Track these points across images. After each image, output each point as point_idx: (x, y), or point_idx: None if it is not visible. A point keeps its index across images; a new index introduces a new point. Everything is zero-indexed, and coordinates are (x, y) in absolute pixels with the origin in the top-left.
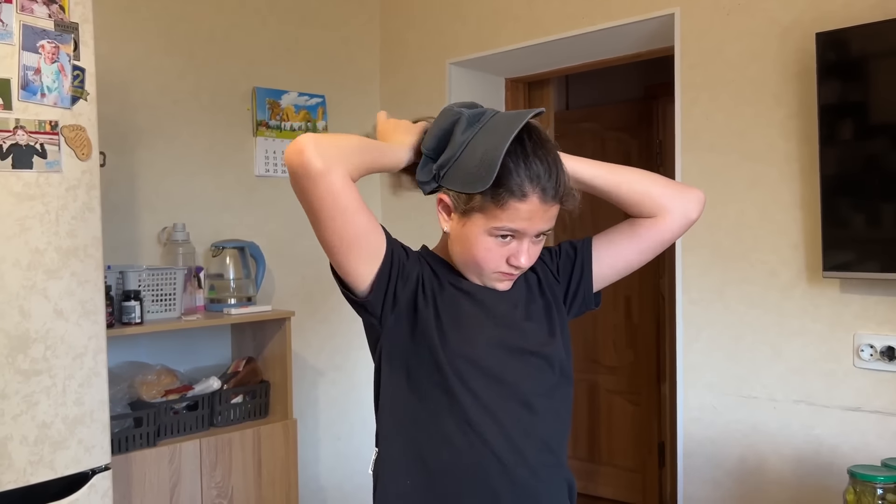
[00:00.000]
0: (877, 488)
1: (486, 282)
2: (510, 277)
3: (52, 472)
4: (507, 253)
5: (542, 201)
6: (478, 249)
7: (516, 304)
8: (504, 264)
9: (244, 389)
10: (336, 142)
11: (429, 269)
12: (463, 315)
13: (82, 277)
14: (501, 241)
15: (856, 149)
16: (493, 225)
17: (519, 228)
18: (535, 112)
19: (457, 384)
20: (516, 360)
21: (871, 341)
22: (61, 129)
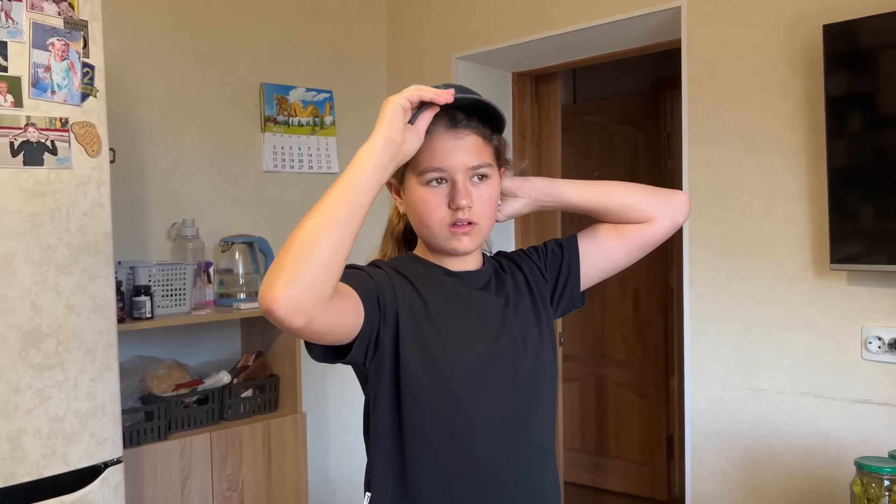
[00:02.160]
0: (884, 479)
1: (445, 245)
2: (462, 230)
3: (65, 465)
4: (446, 200)
5: (450, 130)
6: (420, 206)
7: (507, 303)
8: (448, 212)
9: (254, 383)
10: (304, 265)
11: (406, 288)
12: (450, 332)
13: (93, 273)
14: (436, 189)
15: (863, 141)
16: (418, 172)
17: (441, 166)
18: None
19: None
20: (507, 373)
21: (878, 333)
22: (71, 125)
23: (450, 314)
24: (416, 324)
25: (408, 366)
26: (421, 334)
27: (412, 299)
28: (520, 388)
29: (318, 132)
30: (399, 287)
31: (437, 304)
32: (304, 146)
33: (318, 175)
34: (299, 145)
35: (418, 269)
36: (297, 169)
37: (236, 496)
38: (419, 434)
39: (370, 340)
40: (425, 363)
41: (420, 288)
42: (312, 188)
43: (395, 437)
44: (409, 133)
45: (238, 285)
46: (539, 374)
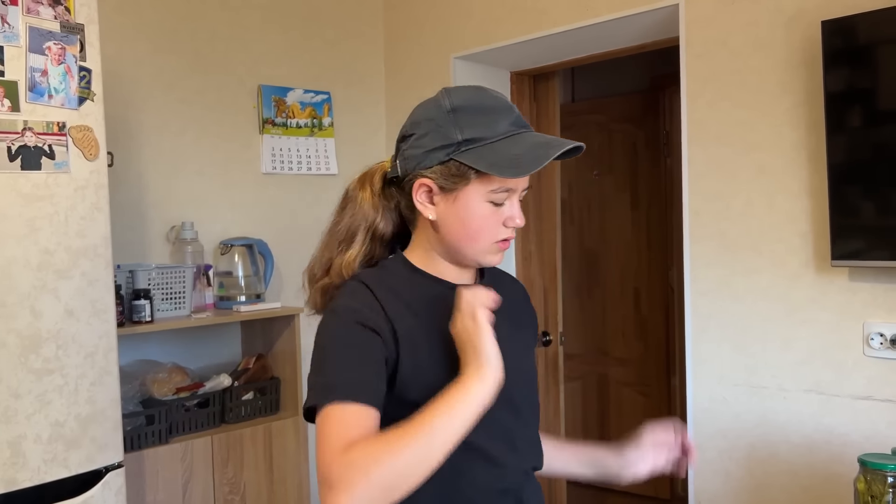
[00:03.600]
0: (888, 476)
1: (480, 259)
2: (505, 246)
3: (66, 470)
4: (501, 217)
5: None
6: (474, 220)
7: (502, 324)
8: (501, 229)
9: (254, 386)
10: (386, 495)
11: (402, 315)
12: (445, 358)
13: (92, 277)
14: (495, 206)
15: (863, 136)
16: (490, 188)
17: (513, 186)
18: (577, 145)
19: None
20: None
21: (880, 329)
22: (69, 129)
23: (445, 337)
24: (413, 354)
25: (404, 389)
26: (417, 363)
27: (407, 327)
28: (508, 411)
29: (317, 133)
30: (396, 319)
31: (433, 327)
32: (302, 148)
33: (317, 176)
34: (298, 147)
35: (416, 282)
36: (295, 170)
37: (238, 499)
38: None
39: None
40: (421, 390)
41: (417, 307)
42: (311, 189)
43: None
44: None
45: (238, 287)
46: (526, 398)
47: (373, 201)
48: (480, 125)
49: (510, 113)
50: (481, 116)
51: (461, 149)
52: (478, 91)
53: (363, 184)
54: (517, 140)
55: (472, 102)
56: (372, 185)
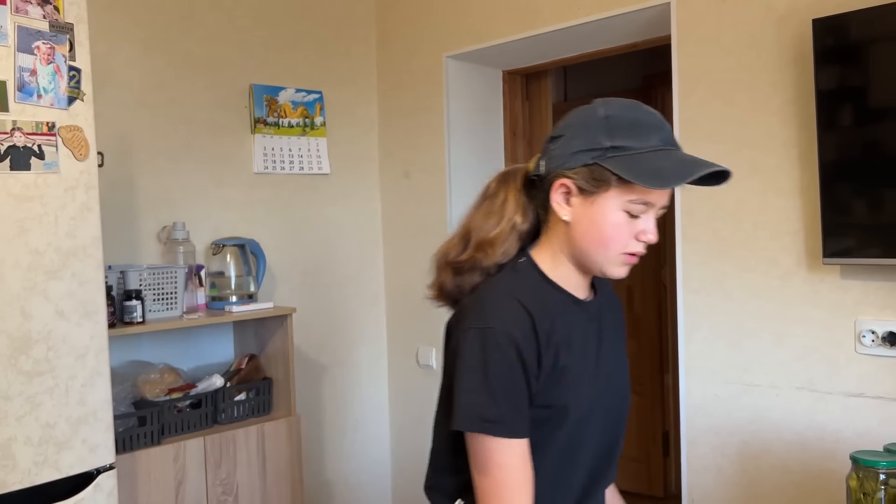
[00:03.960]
0: (879, 473)
1: (606, 269)
2: (633, 260)
3: (57, 472)
4: (634, 230)
5: None
6: (607, 227)
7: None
8: (632, 242)
9: (247, 386)
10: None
11: (552, 336)
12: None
13: (83, 277)
14: (630, 217)
15: (854, 134)
16: (628, 198)
17: (652, 200)
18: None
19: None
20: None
21: (872, 327)
22: (58, 129)
23: (579, 357)
24: (555, 373)
25: (539, 410)
26: (559, 381)
27: (551, 345)
28: (610, 428)
29: (309, 133)
30: (543, 340)
31: (570, 346)
32: (294, 147)
33: (309, 176)
34: (290, 146)
35: (555, 301)
36: (287, 170)
37: (231, 500)
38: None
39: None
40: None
41: (559, 328)
42: (304, 189)
43: None
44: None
45: (230, 288)
46: (624, 414)
47: (515, 197)
48: (631, 136)
49: (662, 129)
50: (633, 128)
51: (608, 154)
52: (634, 104)
53: (505, 180)
54: (665, 155)
55: (627, 114)
56: (514, 182)
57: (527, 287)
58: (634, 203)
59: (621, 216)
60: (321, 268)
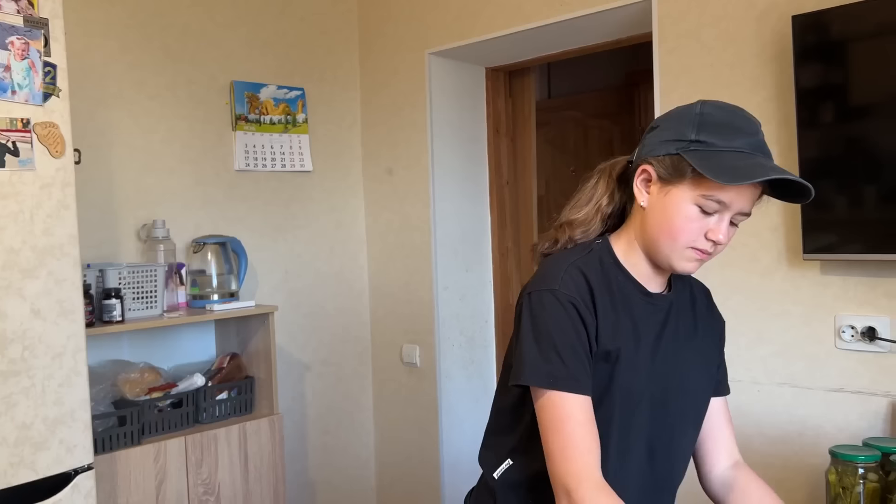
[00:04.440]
0: (858, 468)
1: (673, 262)
2: (702, 256)
3: (34, 473)
4: (705, 227)
5: (755, 183)
6: (678, 218)
7: (677, 338)
8: (701, 239)
9: (229, 385)
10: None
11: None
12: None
13: (59, 276)
14: (703, 214)
15: (834, 131)
16: (701, 192)
17: (726, 200)
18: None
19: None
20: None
21: (851, 322)
22: (33, 126)
23: (633, 341)
24: (610, 349)
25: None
26: (612, 358)
27: (608, 323)
28: (658, 423)
29: (291, 130)
30: (602, 313)
31: (627, 328)
32: (276, 144)
33: (291, 173)
34: (271, 143)
35: (619, 284)
36: (269, 167)
37: (213, 500)
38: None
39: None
40: (602, 384)
41: (619, 308)
42: (285, 186)
43: None
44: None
45: (211, 286)
46: (683, 411)
47: (606, 182)
48: (717, 134)
49: (753, 136)
50: (722, 127)
51: (690, 147)
52: (733, 108)
53: (603, 169)
54: (745, 157)
55: (720, 114)
56: (612, 168)
57: (594, 263)
58: (706, 199)
59: (693, 210)
60: (304, 266)
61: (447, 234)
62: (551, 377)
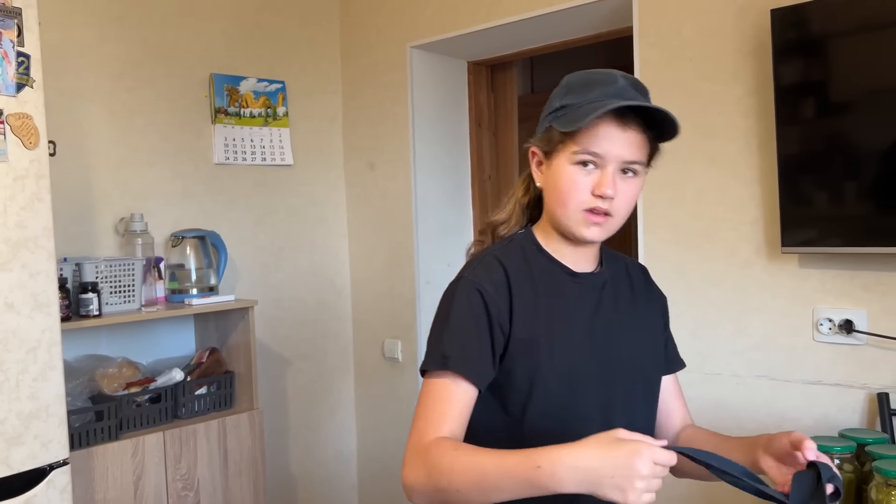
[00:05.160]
0: (834, 458)
1: (575, 230)
2: (599, 219)
3: (7, 468)
4: (591, 183)
5: (617, 119)
6: (562, 183)
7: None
8: (589, 197)
9: (208, 380)
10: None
11: (525, 297)
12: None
13: (33, 269)
14: (585, 171)
15: (812, 126)
16: (572, 151)
17: (599, 151)
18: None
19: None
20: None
21: (829, 315)
22: (6, 117)
23: (561, 323)
24: (531, 334)
25: (512, 365)
26: (535, 343)
27: (527, 308)
28: (610, 402)
29: (271, 123)
30: (518, 299)
31: (552, 311)
32: (256, 137)
33: (272, 167)
34: (251, 137)
35: (541, 266)
36: (249, 161)
37: (192, 495)
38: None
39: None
40: (529, 370)
41: (540, 292)
42: (265, 180)
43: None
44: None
45: (190, 280)
46: (635, 393)
47: (524, 177)
48: (577, 94)
49: (610, 85)
50: (582, 86)
51: (557, 115)
52: (599, 70)
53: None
54: (601, 104)
55: (582, 76)
56: (531, 161)
57: (514, 252)
58: (579, 154)
59: (573, 171)
60: (284, 260)
61: (429, 228)
62: (442, 357)
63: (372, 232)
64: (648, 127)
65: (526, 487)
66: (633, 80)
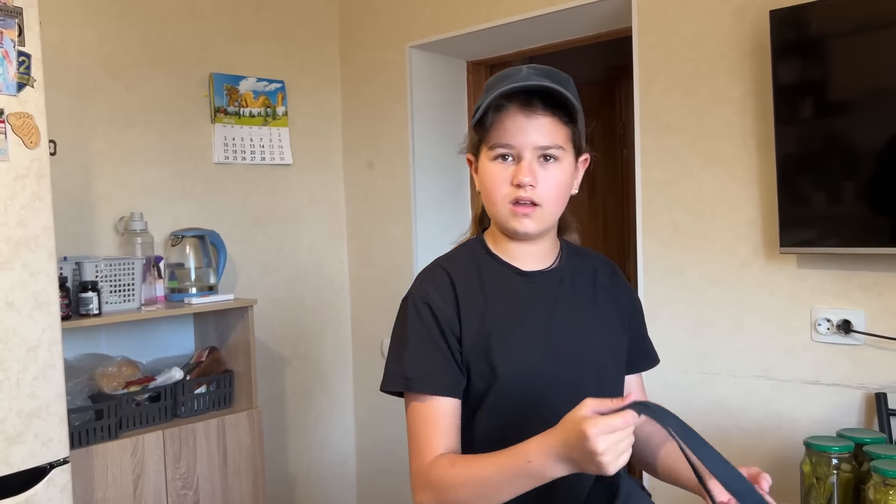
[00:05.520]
0: (832, 458)
1: (507, 224)
2: (524, 209)
3: (8, 467)
4: (511, 176)
5: (523, 108)
6: (486, 180)
7: (576, 310)
8: (511, 189)
9: (207, 379)
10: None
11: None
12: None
13: (34, 268)
14: (504, 165)
15: (810, 126)
16: (489, 146)
17: (511, 142)
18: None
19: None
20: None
21: (827, 315)
22: (7, 116)
23: (512, 323)
24: (481, 337)
25: (469, 374)
26: (485, 345)
27: (475, 311)
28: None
29: (271, 123)
30: (465, 302)
31: (502, 312)
32: (255, 137)
33: (271, 166)
34: (251, 136)
35: (490, 269)
36: (248, 160)
37: (191, 494)
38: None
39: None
40: (484, 373)
41: (488, 294)
42: (265, 180)
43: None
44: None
45: (190, 280)
46: (600, 391)
47: None
48: (488, 92)
49: (515, 76)
50: (493, 85)
51: (475, 116)
52: (513, 67)
53: None
54: (489, 95)
55: (497, 75)
56: None
57: (461, 257)
58: (494, 149)
59: (493, 166)
60: (284, 259)
61: (428, 227)
62: (403, 379)
63: (371, 231)
64: (562, 111)
65: (527, 481)
66: (542, 69)
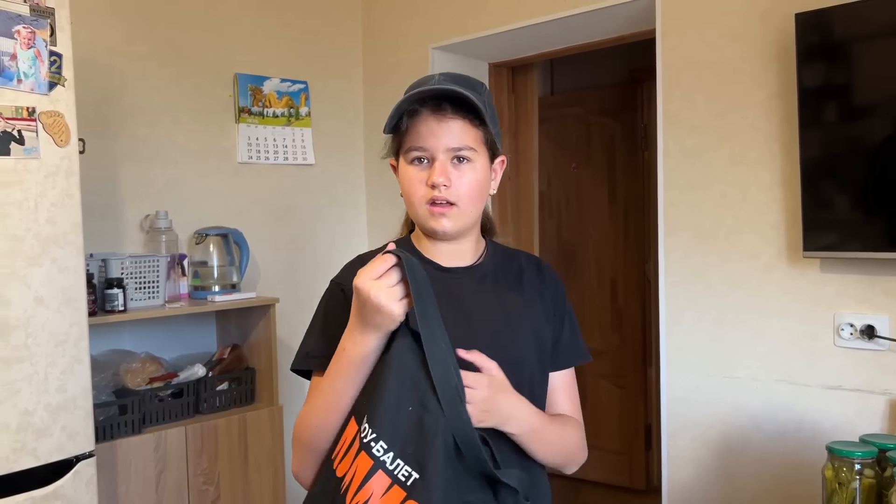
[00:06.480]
0: (855, 464)
1: (424, 224)
2: (441, 209)
3: (36, 459)
4: (426, 177)
5: (434, 112)
6: (405, 182)
7: (500, 307)
8: (426, 189)
9: (229, 376)
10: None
11: None
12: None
13: (63, 264)
14: (420, 167)
15: (834, 130)
16: (403, 151)
17: (424, 145)
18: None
19: None
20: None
21: (850, 320)
22: (39, 115)
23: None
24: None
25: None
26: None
27: None
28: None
29: (294, 123)
30: None
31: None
32: (279, 137)
33: (294, 166)
34: (274, 136)
35: None
36: (272, 160)
37: (212, 490)
38: None
39: None
40: None
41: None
42: (288, 179)
43: None
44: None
45: (213, 278)
46: (520, 387)
47: None
48: (403, 98)
49: (426, 83)
50: (408, 91)
51: (389, 123)
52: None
53: None
54: (399, 102)
55: (413, 83)
56: None
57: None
58: (409, 152)
59: (411, 170)
60: (305, 258)
61: None
62: (308, 357)
63: (392, 231)
64: (473, 115)
65: (352, 371)
66: (452, 75)
